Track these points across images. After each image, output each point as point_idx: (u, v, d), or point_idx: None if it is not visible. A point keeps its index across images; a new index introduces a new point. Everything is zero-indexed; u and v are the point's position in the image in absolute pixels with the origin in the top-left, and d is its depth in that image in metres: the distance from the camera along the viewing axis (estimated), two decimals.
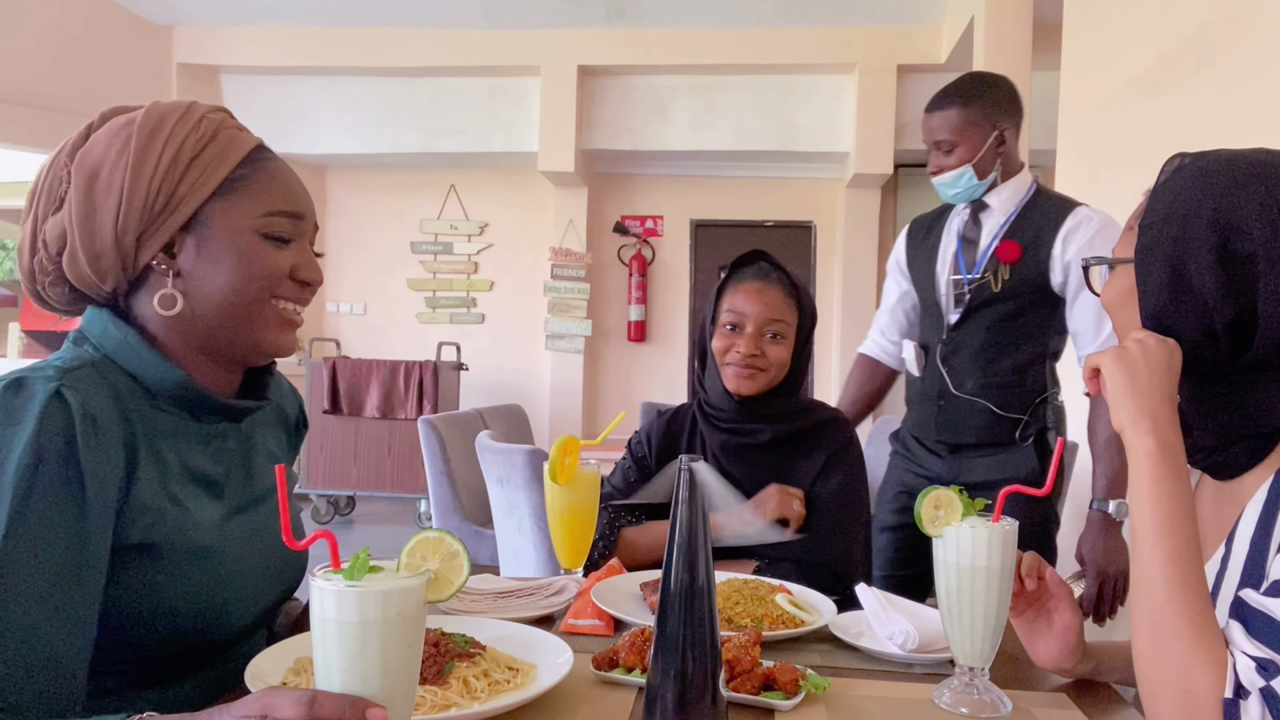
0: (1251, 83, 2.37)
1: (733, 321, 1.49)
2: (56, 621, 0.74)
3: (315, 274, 0.95)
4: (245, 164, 0.90)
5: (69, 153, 0.88)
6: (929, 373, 1.98)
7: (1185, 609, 0.75)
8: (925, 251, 2.05)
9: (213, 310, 0.89)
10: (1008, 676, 1.00)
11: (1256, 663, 0.72)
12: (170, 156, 0.86)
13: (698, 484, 0.79)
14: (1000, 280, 1.89)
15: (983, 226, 1.97)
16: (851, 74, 5.65)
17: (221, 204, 0.88)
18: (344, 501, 5.91)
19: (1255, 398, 0.84)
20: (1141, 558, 0.79)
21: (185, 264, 0.88)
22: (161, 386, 0.88)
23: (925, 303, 2.04)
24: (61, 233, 0.86)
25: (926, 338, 2.02)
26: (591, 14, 5.47)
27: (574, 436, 1.37)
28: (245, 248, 0.89)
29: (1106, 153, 3.29)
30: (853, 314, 6.18)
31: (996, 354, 1.90)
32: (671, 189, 6.55)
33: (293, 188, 0.94)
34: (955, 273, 1.96)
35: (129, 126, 0.87)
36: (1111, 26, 3.31)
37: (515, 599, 1.23)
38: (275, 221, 0.90)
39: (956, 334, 1.94)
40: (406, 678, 0.67)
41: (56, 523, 0.75)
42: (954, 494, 0.92)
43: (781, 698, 0.88)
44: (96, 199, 0.85)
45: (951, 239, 2.00)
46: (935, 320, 1.99)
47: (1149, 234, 0.88)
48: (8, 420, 0.75)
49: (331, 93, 6.02)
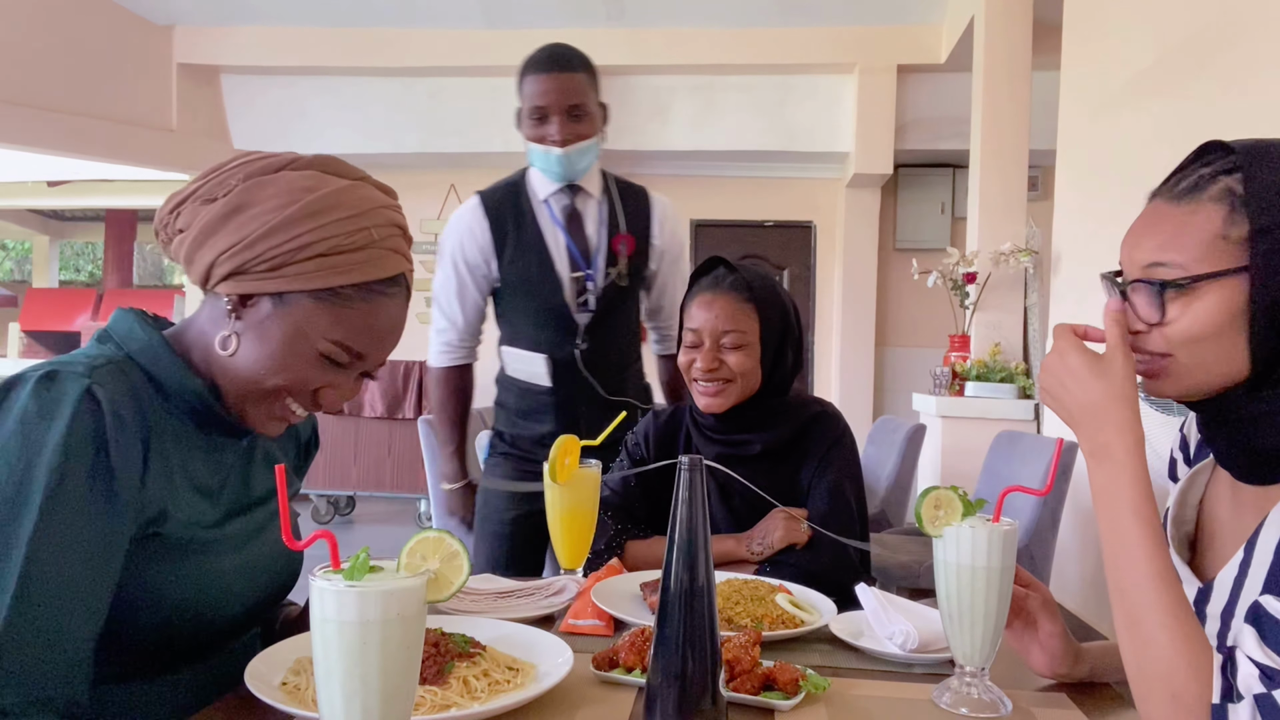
0: (1251, 83, 2.37)
1: (691, 339, 1.46)
2: (78, 610, 0.77)
3: (334, 406, 0.96)
4: (359, 288, 0.90)
5: (254, 171, 0.90)
6: (565, 383, 1.85)
7: (1164, 610, 0.75)
8: (525, 244, 1.84)
9: (235, 369, 0.92)
10: (1008, 676, 1.00)
11: (1262, 670, 0.71)
12: (305, 242, 0.87)
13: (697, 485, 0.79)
14: (621, 274, 1.86)
15: (584, 214, 1.87)
16: (851, 74, 5.65)
17: (310, 302, 0.89)
18: (344, 501, 5.91)
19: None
20: (1117, 559, 0.79)
21: (249, 319, 0.91)
22: (178, 393, 0.90)
23: (538, 305, 1.84)
24: (191, 221, 0.90)
25: (550, 344, 1.86)
26: (591, 14, 5.47)
27: (574, 436, 1.37)
28: (298, 349, 0.90)
29: (1106, 152, 3.29)
30: (853, 314, 6.18)
31: (631, 352, 1.95)
32: (671, 189, 6.45)
33: (379, 331, 0.93)
34: (575, 270, 1.84)
35: (305, 193, 0.89)
36: (1111, 26, 3.31)
37: (515, 599, 1.23)
38: (337, 351, 0.91)
39: (593, 337, 1.85)
40: (406, 678, 0.67)
41: (86, 513, 0.77)
42: (954, 494, 0.92)
43: (781, 698, 0.88)
44: (228, 224, 0.88)
45: (556, 228, 1.85)
46: (559, 323, 1.84)
47: (1274, 235, 0.78)
48: (42, 413, 0.77)
49: (331, 93, 6.02)
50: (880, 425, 4.46)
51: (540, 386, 1.87)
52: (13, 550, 0.73)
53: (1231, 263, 0.79)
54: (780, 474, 1.47)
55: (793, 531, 1.38)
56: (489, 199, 1.87)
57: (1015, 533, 0.91)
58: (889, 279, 6.25)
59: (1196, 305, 0.81)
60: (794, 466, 1.48)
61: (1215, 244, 0.80)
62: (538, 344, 1.86)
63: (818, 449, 1.47)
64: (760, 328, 1.44)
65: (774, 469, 1.47)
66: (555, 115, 1.77)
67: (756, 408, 1.47)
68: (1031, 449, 3.06)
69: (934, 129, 5.67)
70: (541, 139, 1.79)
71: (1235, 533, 0.87)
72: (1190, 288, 0.81)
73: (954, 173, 6.11)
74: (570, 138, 1.78)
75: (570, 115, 1.78)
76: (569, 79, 1.78)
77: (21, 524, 0.74)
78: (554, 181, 1.85)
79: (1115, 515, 0.80)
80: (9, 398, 0.78)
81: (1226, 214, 0.80)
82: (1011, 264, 4.09)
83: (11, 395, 0.78)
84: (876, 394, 6.27)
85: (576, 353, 1.84)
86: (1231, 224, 0.80)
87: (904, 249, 6.22)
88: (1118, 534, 0.79)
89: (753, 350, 1.44)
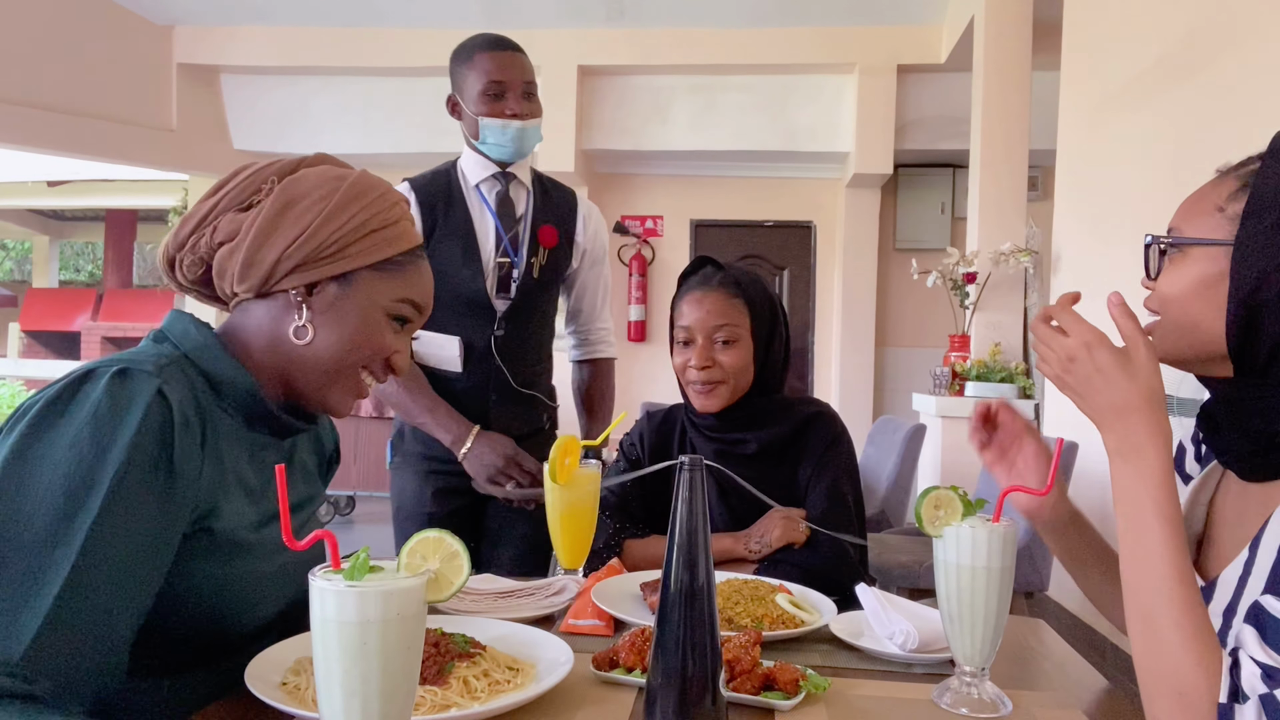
0: (1250, 83, 2.37)
1: (684, 336, 1.46)
2: (123, 606, 0.78)
3: (404, 366, 1.03)
4: (407, 254, 1.00)
5: (277, 172, 0.96)
6: (477, 369, 1.84)
7: (1180, 610, 0.75)
8: (452, 228, 1.83)
9: (314, 355, 0.97)
10: (1008, 676, 1.00)
11: (1263, 669, 0.71)
12: (360, 221, 0.95)
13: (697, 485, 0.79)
14: (538, 266, 1.87)
15: (515, 202, 1.88)
16: (851, 74, 5.65)
17: (373, 275, 0.97)
18: (344, 502, 5.91)
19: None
20: (1135, 558, 0.79)
21: (318, 306, 0.96)
22: (232, 390, 0.93)
23: (458, 288, 1.81)
24: (236, 229, 0.94)
25: (465, 329, 1.83)
26: (591, 14, 5.47)
27: (574, 436, 1.37)
28: (372, 319, 0.98)
29: (1106, 152, 3.29)
30: (853, 314, 6.18)
31: (544, 349, 1.96)
32: (671, 189, 6.55)
33: (429, 288, 1.04)
34: (502, 255, 1.84)
35: (339, 181, 0.96)
36: (1111, 26, 3.31)
37: (515, 599, 1.23)
38: (404, 307, 1.00)
39: (510, 325, 1.85)
40: (406, 678, 0.67)
41: (144, 513, 0.79)
42: (954, 494, 0.92)
43: (781, 698, 0.88)
44: (284, 221, 0.93)
45: (486, 213, 1.86)
46: (477, 309, 1.83)
47: (1263, 219, 0.81)
48: (115, 409, 0.79)
49: (331, 93, 6.03)
50: (880, 425, 4.46)
51: (449, 373, 1.84)
52: (71, 541, 0.74)
53: (1220, 235, 0.83)
54: (777, 473, 1.47)
55: (790, 530, 1.38)
56: (419, 183, 1.87)
57: (1015, 533, 0.91)
58: (889, 279, 6.25)
59: (1181, 268, 0.85)
60: (791, 466, 1.48)
61: (1211, 215, 0.84)
62: (452, 328, 1.84)
63: (815, 449, 1.47)
64: (751, 322, 1.46)
65: (771, 468, 1.47)
66: (511, 91, 1.81)
67: (751, 406, 1.47)
68: None
69: (934, 129, 5.67)
70: (498, 113, 1.80)
71: (1240, 532, 0.88)
72: (1180, 251, 0.86)
73: (954, 173, 6.11)
74: (527, 114, 1.82)
75: (525, 93, 1.82)
76: (524, 59, 1.85)
77: (83, 516, 0.75)
78: (499, 160, 1.87)
79: (1139, 514, 0.80)
80: (82, 390, 0.80)
81: (1234, 191, 0.84)
82: (1011, 264, 4.09)
83: (85, 389, 0.80)
84: (876, 394, 6.27)
85: (492, 339, 1.84)
86: (1233, 200, 0.83)
87: (904, 249, 6.22)
88: (1140, 533, 0.79)
89: (745, 345, 1.45)
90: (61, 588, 0.73)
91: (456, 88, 1.86)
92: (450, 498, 1.87)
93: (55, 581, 0.73)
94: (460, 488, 1.83)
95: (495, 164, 1.86)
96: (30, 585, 0.73)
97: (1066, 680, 1.01)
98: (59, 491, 0.75)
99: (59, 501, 0.75)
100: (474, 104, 1.81)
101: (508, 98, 1.80)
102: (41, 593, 0.72)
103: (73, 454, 0.77)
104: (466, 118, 1.84)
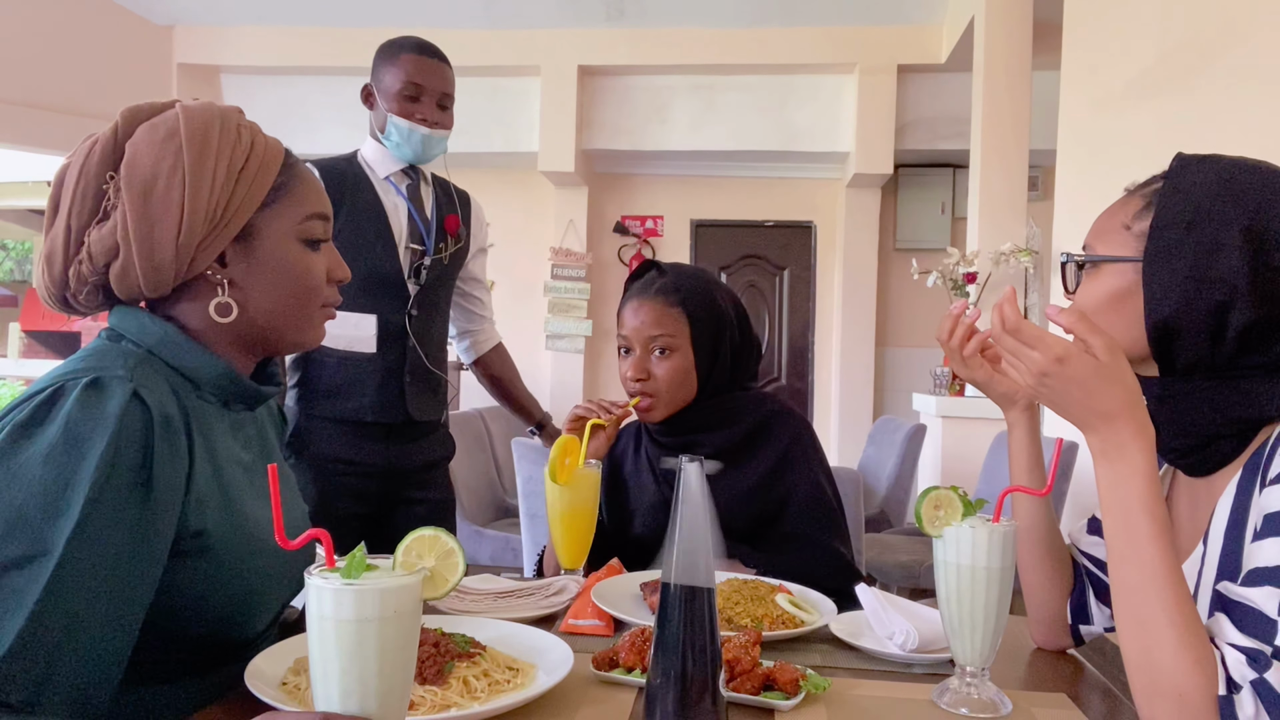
0: (1251, 83, 2.37)
1: (623, 344, 1.45)
2: (107, 619, 0.76)
3: (345, 272, 1.00)
4: (282, 170, 0.94)
5: (103, 161, 0.87)
6: (391, 349, 1.87)
7: (1173, 609, 0.76)
8: (360, 209, 1.86)
9: (264, 315, 0.94)
10: (1008, 676, 1.00)
11: (1246, 654, 0.72)
12: (225, 170, 0.88)
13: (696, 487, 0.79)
14: (447, 252, 1.95)
15: (423, 197, 1.97)
16: (851, 74, 5.65)
17: (267, 213, 0.92)
18: None
19: (1240, 389, 0.85)
20: (1125, 558, 0.80)
21: (236, 273, 0.92)
22: (206, 377, 0.91)
23: (371, 268, 1.83)
24: (113, 245, 0.86)
25: (380, 308, 1.86)
26: (591, 14, 5.47)
27: (574, 436, 1.37)
28: (291, 256, 0.93)
29: (1106, 152, 3.29)
30: (853, 314, 6.17)
31: (445, 328, 2.03)
32: (671, 189, 6.54)
33: (320, 190, 0.98)
34: (416, 242, 1.91)
35: (174, 139, 0.87)
36: (1111, 26, 3.31)
37: (515, 599, 1.23)
38: (311, 226, 0.95)
39: (421, 307, 1.91)
40: (402, 675, 0.67)
41: (122, 524, 0.77)
42: (954, 494, 0.92)
43: (781, 698, 0.88)
44: (155, 214, 0.86)
45: (399, 202, 1.91)
46: (390, 290, 1.87)
47: (1166, 235, 0.86)
48: (87, 419, 0.77)
49: (331, 93, 6.02)
50: (880, 425, 4.46)
51: (362, 354, 1.85)
52: (49, 551, 0.73)
53: (1128, 251, 0.89)
54: (738, 474, 1.43)
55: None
56: (323, 166, 1.88)
57: (1014, 533, 0.91)
58: (889, 279, 6.25)
59: (1096, 282, 0.91)
60: (751, 467, 1.44)
61: (1119, 232, 0.90)
62: (368, 307, 1.86)
63: (774, 448, 1.44)
64: (690, 329, 1.43)
65: (730, 469, 1.42)
66: (428, 97, 1.86)
67: (700, 409, 1.46)
68: None
69: (934, 129, 5.67)
70: (410, 115, 1.85)
71: (1192, 527, 0.91)
72: (1091, 267, 0.92)
73: (954, 173, 6.11)
74: (436, 123, 1.88)
75: (440, 103, 1.88)
76: (447, 69, 1.91)
77: (60, 526, 0.73)
78: (402, 161, 1.92)
79: (1127, 513, 0.80)
80: (55, 405, 0.78)
81: (1139, 209, 0.89)
82: (1011, 264, 4.09)
83: (57, 404, 0.78)
84: (876, 394, 6.26)
85: (407, 319, 1.88)
86: (1138, 218, 0.89)
87: (904, 249, 6.21)
88: (1129, 532, 0.80)
89: (683, 354, 1.42)
90: (38, 598, 0.71)
91: (375, 80, 1.92)
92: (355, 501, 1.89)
93: (32, 592, 0.71)
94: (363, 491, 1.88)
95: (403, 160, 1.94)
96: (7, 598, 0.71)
97: (1066, 680, 1.01)
98: (36, 506, 0.73)
99: (36, 515, 0.73)
100: (389, 100, 1.87)
101: (423, 102, 1.86)
102: (20, 605, 0.71)
103: (49, 469, 0.75)
104: (378, 111, 1.90)
